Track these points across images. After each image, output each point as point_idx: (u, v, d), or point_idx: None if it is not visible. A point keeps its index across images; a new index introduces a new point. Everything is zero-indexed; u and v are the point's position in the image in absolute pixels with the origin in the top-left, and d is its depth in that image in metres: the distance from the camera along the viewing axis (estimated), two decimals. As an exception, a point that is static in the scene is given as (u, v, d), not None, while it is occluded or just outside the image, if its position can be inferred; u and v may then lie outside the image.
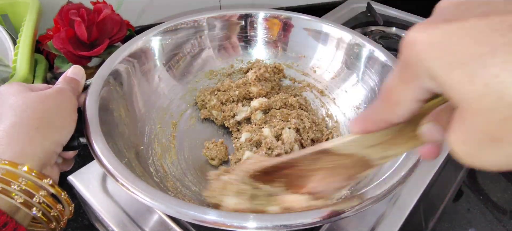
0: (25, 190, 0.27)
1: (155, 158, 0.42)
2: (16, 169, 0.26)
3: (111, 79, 0.41)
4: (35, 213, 0.27)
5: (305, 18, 0.54)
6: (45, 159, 0.29)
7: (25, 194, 0.27)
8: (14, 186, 0.26)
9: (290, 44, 0.55)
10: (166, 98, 0.49)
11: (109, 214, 0.39)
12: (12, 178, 0.26)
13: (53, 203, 0.29)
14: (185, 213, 0.28)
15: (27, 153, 0.28)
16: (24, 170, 0.27)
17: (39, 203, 0.27)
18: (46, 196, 0.28)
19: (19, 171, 0.26)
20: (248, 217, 0.28)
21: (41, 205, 0.28)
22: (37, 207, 0.27)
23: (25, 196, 0.27)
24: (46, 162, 0.29)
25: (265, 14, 0.54)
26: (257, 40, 0.56)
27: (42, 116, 0.29)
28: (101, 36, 0.56)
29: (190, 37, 0.52)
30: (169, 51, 0.50)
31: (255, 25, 0.55)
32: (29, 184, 0.27)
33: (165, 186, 0.39)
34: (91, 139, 0.33)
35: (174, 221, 0.39)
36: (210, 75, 0.54)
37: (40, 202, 0.28)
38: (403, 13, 0.78)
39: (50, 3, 0.60)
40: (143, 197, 0.29)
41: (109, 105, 0.39)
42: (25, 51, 0.48)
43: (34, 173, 0.27)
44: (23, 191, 0.27)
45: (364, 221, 0.40)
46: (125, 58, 0.44)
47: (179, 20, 0.51)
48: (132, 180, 0.30)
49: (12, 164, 0.26)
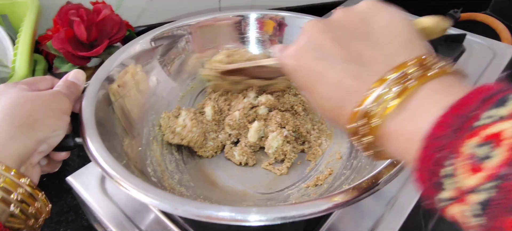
0: (3, 187, 0.27)
1: (153, 159, 0.42)
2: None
3: (108, 82, 0.41)
4: (13, 210, 0.28)
5: (301, 17, 0.54)
6: (24, 156, 0.29)
7: (3, 191, 0.27)
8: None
9: (285, 43, 0.55)
10: (165, 100, 0.49)
11: (107, 215, 0.39)
12: None
13: (31, 201, 0.29)
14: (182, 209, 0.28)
15: (6, 150, 0.28)
16: (2, 168, 0.27)
17: (17, 200, 0.28)
18: (24, 194, 0.28)
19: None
20: (249, 211, 0.27)
21: (19, 202, 0.28)
22: (15, 204, 0.28)
23: (3, 193, 0.27)
24: (25, 159, 0.29)
25: (258, 15, 0.54)
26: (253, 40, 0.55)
27: (28, 115, 0.30)
28: (100, 37, 0.56)
29: (187, 39, 0.52)
30: (167, 53, 0.50)
31: (252, 26, 0.55)
32: (8, 181, 0.27)
33: (163, 186, 0.39)
34: (87, 139, 0.33)
35: (172, 221, 0.39)
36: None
37: (18, 199, 0.28)
38: (403, 13, 0.78)
39: (50, 4, 0.60)
40: (136, 192, 0.29)
41: (107, 107, 0.39)
42: (24, 52, 0.48)
43: (13, 171, 0.28)
44: (1, 188, 0.27)
45: (364, 221, 0.40)
46: (123, 61, 0.44)
47: (177, 24, 0.51)
48: (127, 177, 0.30)
49: None
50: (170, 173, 0.42)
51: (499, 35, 0.79)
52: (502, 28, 0.80)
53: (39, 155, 0.31)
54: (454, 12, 0.81)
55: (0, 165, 0.27)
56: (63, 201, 0.46)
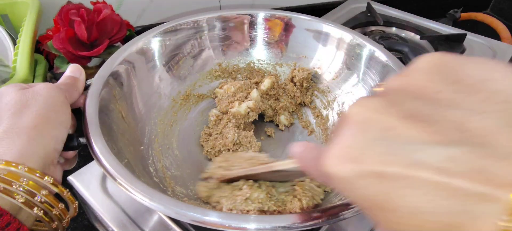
0: (27, 189, 0.27)
1: (155, 158, 0.42)
2: (17, 169, 0.26)
3: (111, 80, 0.41)
4: (37, 212, 0.27)
5: (305, 19, 0.54)
6: (47, 157, 0.29)
7: (27, 194, 0.27)
8: (15, 186, 0.26)
9: (290, 44, 0.55)
10: (167, 99, 0.49)
11: (109, 215, 0.39)
12: (13, 178, 0.26)
13: (55, 202, 0.29)
14: (183, 214, 0.28)
15: (28, 153, 0.27)
16: (25, 170, 0.27)
17: (41, 202, 0.27)
18: (48, 195, 0.28)
19: (20, 170, 0.26)
20: (248, 218, 0.28)
21: (43, 204, 0.28)
22: (38, 206, 0.27)
23: (27, 196, 0.27)
24: (47, 160, 0.29)
25: (265, 15, 0.54)
26: (257, 41, 0.56)
27: (38, 114, 0.29)
28: (101, 37, 0.56)
29: (190, 37, 0.52)
30: (169, 51, 0.50)
31: (255, 26, 0.55)
32: (31, 184, 0.27)
33: (165, 186, 0.39)
34: (91, 139, 0.33)
35: (174, 222, 0.39)
36: (210, 76, 0.54)
37: (41, 201, 0.27)
38: (403, 13, 0.78)
39: (50, 3, 0.60)
40: (141, 197, 0.29)
41: (109, 106, 0.39)
42: (25, 52, 0.48)
43: (38, 173, 0.27)
44: (24, 191, 0.27)
45: (364, 222, 0.40)
46: (125, 59, 0.44)
47: (179, 21, 0.51)
48: (131, 180, 0.30)
49: (14, 164, 0.26)
50: (171, 174, 0.42)
51: (499, 35, 0.80)
52: (502, 28, 0.80)
53: (58, 152, 0.31)
54: (454, 12, 0.81)
55: (23, 166, 0.27)
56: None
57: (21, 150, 0.27)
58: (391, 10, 0.79)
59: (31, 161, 0.27)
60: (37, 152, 0.28)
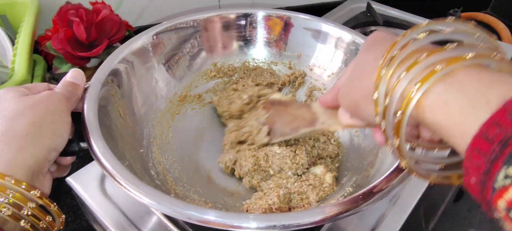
0: (13, 202, 0.26)
1: (155, 160, 0.42)
2: (4, 181, 0.26)
3: (110, 80, 0.41)
4: (24, 225, 0.27)
5: (305, 18, 0.54)
6: (36, 167, 0.28)
7: (14, 207, 0.26)
8: (1, 198, 0.25)
9: (289, 43, 0.55)
10: (164, 100, 0.48)
11: (107, 216, 0.39)
12: (0, 190, 0.26)
13: (42, 215, 0.28)
14: (182, 212, 0.28)
15: (17, 163, 0.27)
16: (12, 182, 0.26)
17: (28, 215, 0.27)
18: (35, 208, 0.27)
19: (6, 182, 0.26)
20: (247, 217, 0.27)
21: (30, 217, 0.27)
22: (25, 219, 0.27)
23: (13, 209, 0.26)
24: (36, 170, 0.28)
25: (265, 14, 0.54)
26: (256, 40, 0.55)
27: (32, 122, 0.29)
28: (100, 37, 0.56)
29: (188, 37, 0.52)
30: (168, 51, 0.50)
31: (254, 25, 0.54)
32: (17, 196, 0.26)
33: (167, 188, 0.39)
34: (91, 141, 0.32)
35: (172, 222, 0.39)
36: (206, 76, 0.53)
37: (28, 214, 0.27)
38: (403, 13, 0.78)
39: (49, 4, 0.60)
40: (144, 198, 0.29)
41: (108, 107, 0.39)
42: (24, 52, 0.48)
43: (24, 185, 0.27)
44: (11, 204, 0.26)
45: (365, 221, 0.40)
46: (124, 59, 0.44)
47: (177, 20, 0.51)
48: (133, 181, 0.30)
49: (0, 175, 0.26)
50: (172, 175, 0.42)
51: (499, 35, 0.79)
52: (502, 28, 0.80)
53: (49, 162, 0.30)
54: (454, 11, 0.81)
55: (10, 178, 0.26)
56: (62, 201, 0.46)
57: (10, 159, 0.27)
58: (391, 10, 0.79)
59: (19, 172, 0.27)
60: (26, 162, 0.27)
